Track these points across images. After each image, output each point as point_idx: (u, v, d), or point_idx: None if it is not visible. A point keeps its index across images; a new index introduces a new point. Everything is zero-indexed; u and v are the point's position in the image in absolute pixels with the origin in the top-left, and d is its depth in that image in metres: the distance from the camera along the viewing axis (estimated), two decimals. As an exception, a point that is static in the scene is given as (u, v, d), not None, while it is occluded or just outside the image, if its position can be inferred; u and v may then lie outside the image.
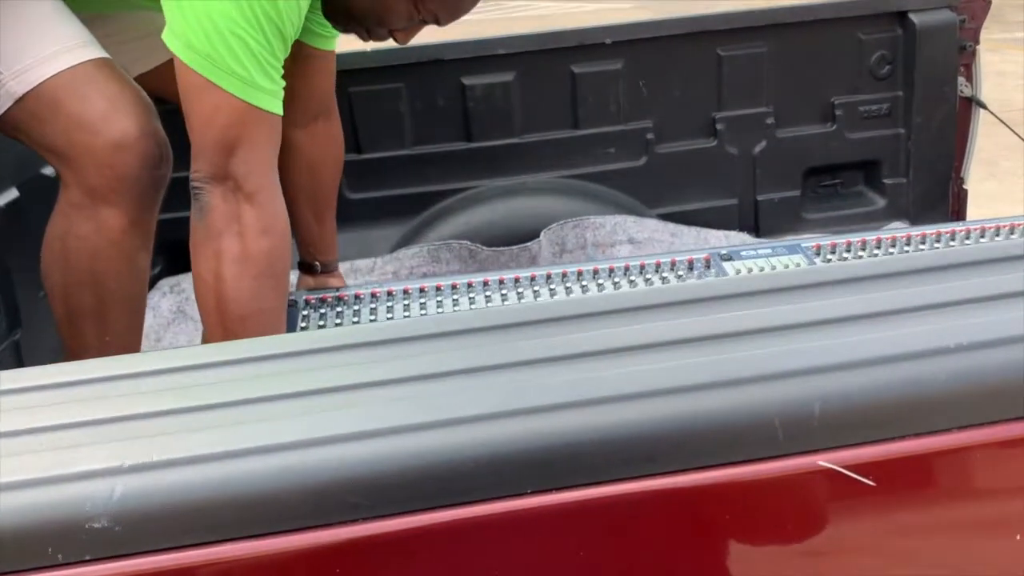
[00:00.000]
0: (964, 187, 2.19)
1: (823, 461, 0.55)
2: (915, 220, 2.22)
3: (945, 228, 1.57)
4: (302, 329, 1.40)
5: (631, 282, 1.47)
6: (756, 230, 2.20)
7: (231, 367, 0.61)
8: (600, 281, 1.47)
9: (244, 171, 1.01)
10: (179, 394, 0.58)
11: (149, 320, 1.93)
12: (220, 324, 0.99)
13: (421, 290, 1.49)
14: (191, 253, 1.05)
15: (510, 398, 0.56)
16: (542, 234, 1.94)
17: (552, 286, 1.47)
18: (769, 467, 0.55)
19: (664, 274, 1.48)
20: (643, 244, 1.97)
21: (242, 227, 0.99)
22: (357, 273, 2.00)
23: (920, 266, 0.67)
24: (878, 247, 1.52)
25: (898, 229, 1.61)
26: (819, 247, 1.54)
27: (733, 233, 2.12)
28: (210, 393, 0.58)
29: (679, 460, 0.55)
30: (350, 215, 1.82)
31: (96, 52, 1.17)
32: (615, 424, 0.55)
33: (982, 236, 1.52)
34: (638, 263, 1.52)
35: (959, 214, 2.23)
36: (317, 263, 1.56)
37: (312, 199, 1.53)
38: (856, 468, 0.55)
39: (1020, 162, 3.49)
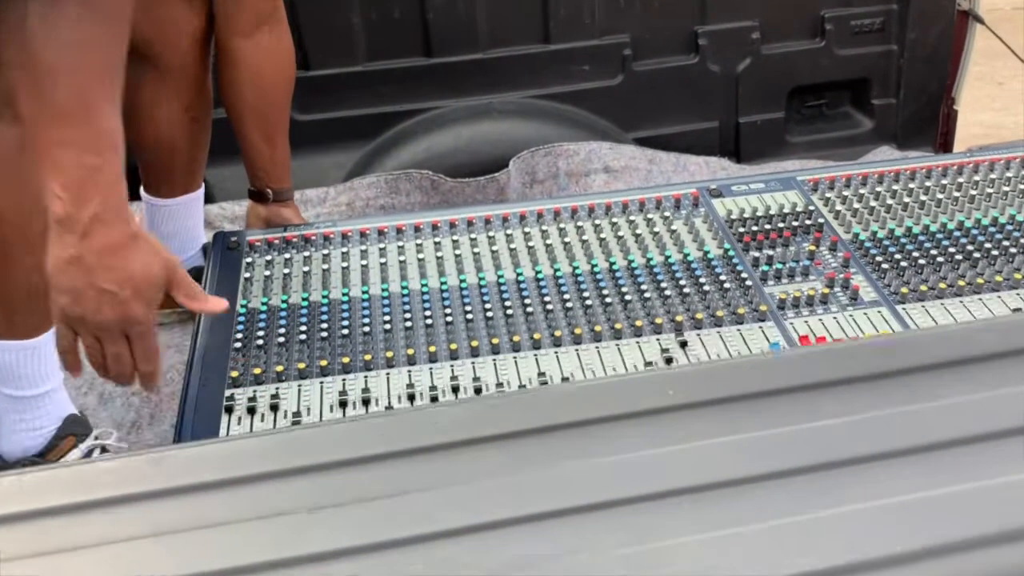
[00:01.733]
0: (955, 108, 2.07)
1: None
2: (903, 144, 2.10)
3: (949, 160, 1.45)
4: (246, 280, 1.24)
5: (613, 224, 1.33)
6: (737, 155, 2.06)
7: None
8: (579, 223, 1.33)
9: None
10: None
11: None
12: None
13: (380, 232, 1.33)
14: None
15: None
16: (511, 163, 1.78)
17: (526, 228, 1.32)
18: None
19: (649, 215, 1.34)
20: (619, 173, 1.82)
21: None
22: (308, 204, 1.82)
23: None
24: (880, 182, 1.40)
25: (895, 161, 1.49)
26: (816, 182, 1.41)
27: (714, 159, 1.99)
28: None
29: None
30: (298, 139, 1.63)
31: None
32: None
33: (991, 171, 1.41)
34: (620, 201, 1.38)
35: (947, 137, 2.12)
36: (269, 191, 1.38)
37: (260, 119, 1.34)
38: None
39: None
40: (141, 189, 1.45)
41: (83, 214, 0.71)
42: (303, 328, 1.14)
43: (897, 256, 1.23)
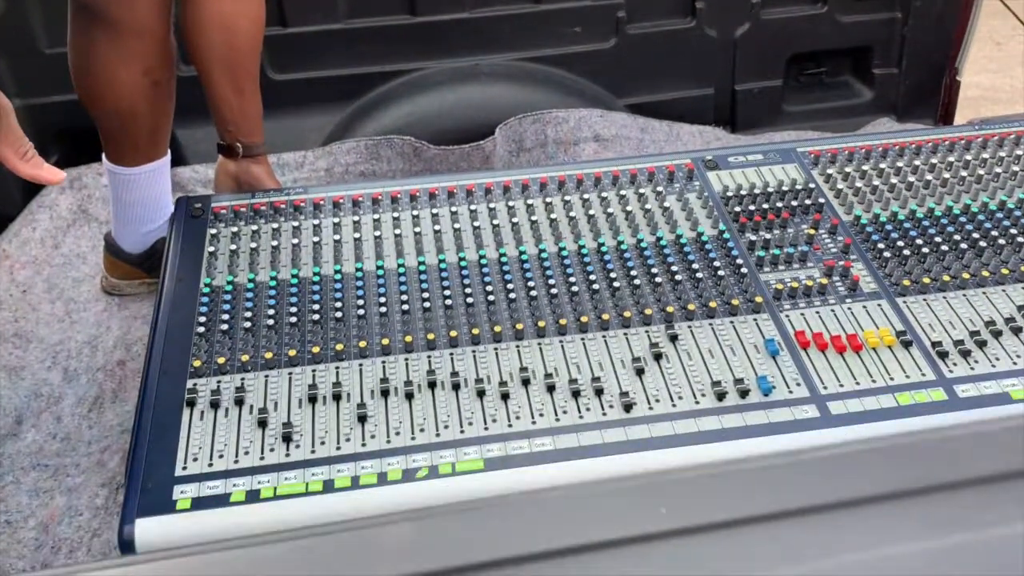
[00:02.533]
0: (958, 79, 2.00)
1: None
2: (903, 115, 2.03)
3: (955, 134, 1.38)
4: (210, 255, 1.17)
5: (602, 198, 1.26)
6: (732, 124, 1.99)
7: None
8: (567, 196, 1.26)
9: None
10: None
11: (45, 223, 1.67)
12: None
13: (355, 202, 1.26)
14: None
15: None
16: (497, 130, 1.70)
17: (511, 202, 1.25)
18: None
19: (641, 189, 1.28)
20: (610, 142, 1.75)
21: None
22: (285, 168, 1.74)
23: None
24: (884, 157, 1.33)
25: (898, 134, 1.42)
26: (817, 155, 1.34)
27: (708, 129, 1.91)
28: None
29: None
30: (275, 100, 1.54)
31: None
32: None
33: (1001, 146, 1.34)
34: (611, 172, 1.30)
35: (949, 108, 2.05)
36: (238, 145, 1.30)
37: (228, 66, 1.26)
38: None
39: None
40: (103, 156, 1.37)
41: None
42: (271, 312, 1.08)
43: (900, 243, 1.17)
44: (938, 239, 1.17)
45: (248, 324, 1.06)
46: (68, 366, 1.40)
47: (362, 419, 0.95)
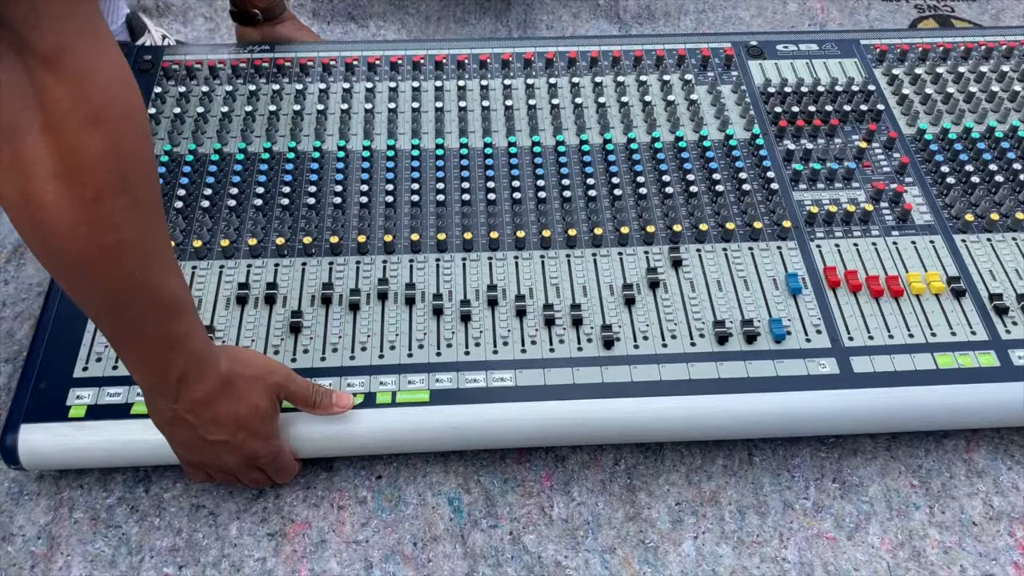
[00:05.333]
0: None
1: None
2: None
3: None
4: (150, 117, 1.00)
5: (618, 83, 1.06)
6: None
7: None
8: (575, 77, 1.06)
9: (29, 18, 0.52)
10: None
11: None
12: (59, 274, 0.58)
13: (324, 67, 1.07)
14: None
15: None
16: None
17: (507, 79, 1.05)
18: None
19: (666, 75, 1.07)
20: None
21: (49, 116, 0.53)
22: None
23: None
24: (965, 58, 1.10)
25: (985, 32, 1.17)
26: (885, 49, 1.11)
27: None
28: None
29: None
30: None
31: None
32: None
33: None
34: (632, 52, 1.09)
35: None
36: (256, 11, 1.11)
37: None
38: None
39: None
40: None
41: (169, 379, 0.64)
42: (208, 192, 0.92)
43: (968, 168, 0.97)
44: (1017, 166, 0.97)
45: (180, 204, 0.91)
46: None
47: (295, 329, 0.81)
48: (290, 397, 0.72)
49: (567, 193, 0.93)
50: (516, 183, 0.94)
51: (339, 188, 0.93)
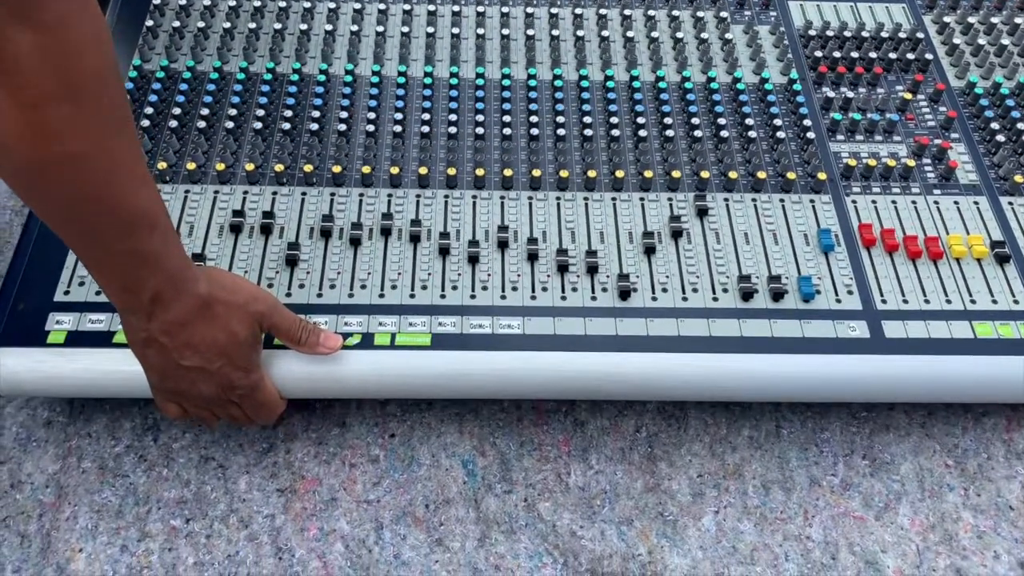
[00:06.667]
0: None
1: None
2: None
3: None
4: (147, 31, 0.93)
5: (648, 18, 0.98)
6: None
7: None
8: (603, 9, 0.99)
9: None
10: None
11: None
12: (9, 181, 0.52)
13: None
14: None
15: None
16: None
17: (530, 7, 0.98)
18: None
19: (700, 12, 1.00)
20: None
21: (18, 78, 0.47)
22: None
23: None
24: (1023, 9, 1.02)
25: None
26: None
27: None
28: None
29: None
30: None
31: None
32: None
33: None
34: (665, -13, 1.02)
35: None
36: None
37: None
38: None
39: None
40: None
41: (141, 298, 0.60)
42: (205, 112, 0.86)
43: (1021, 125, 0.90)
44: (1073, 126, 0.90)
45: (175, 124, 0.85)
46: None
47: (291, 262, 0.76)
48: (273, 329, 0.67)
49: (588, 132, 0.87)
50: (534, 119, 0.87)
51: (344, 115, 0.87)
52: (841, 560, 0.72)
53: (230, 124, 0.85)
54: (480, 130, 0.86)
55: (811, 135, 0.88)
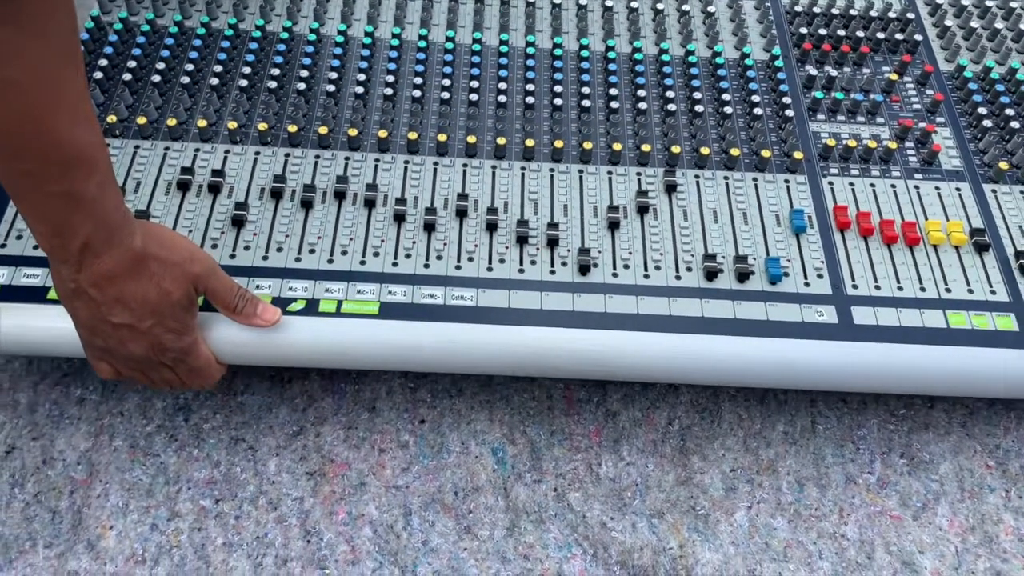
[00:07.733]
0: None
1: None
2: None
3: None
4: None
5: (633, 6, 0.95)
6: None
7: None
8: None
9: None
10: None
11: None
12: None
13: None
14: None
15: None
16: None
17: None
18: None
19: (683, -16, 0.96)
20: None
21: None
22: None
23: None
24: (1018, -4, 0.99)
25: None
26: (928, -21, 1.00)
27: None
28: None
29: None
30: None
31: None
32: None
33: None
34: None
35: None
36: None
37: None
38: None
39: None
40: None
41: (72, 246, 0.57)
42: (161, 66, 0.83)
43: (1009, 111, 0.87)
44: (1063, 114, 0.87)
45: (128, 76, 0.82)
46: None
47: (238, 223, 0.73)
48: (209, 293, 0.64)
49: (558, 101, 0.83)
50: (503, 86, 0.84)
51: (304, 73, 0.84)
52: (877, 560, 0.70)
53: (186, 79, 0.82)
54: (446, 95, 0.83)
55: (790, 113, 0.85)
